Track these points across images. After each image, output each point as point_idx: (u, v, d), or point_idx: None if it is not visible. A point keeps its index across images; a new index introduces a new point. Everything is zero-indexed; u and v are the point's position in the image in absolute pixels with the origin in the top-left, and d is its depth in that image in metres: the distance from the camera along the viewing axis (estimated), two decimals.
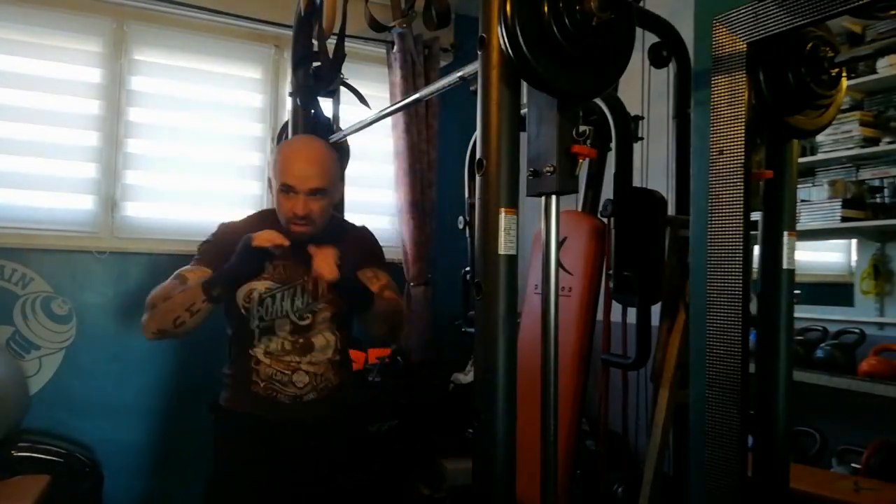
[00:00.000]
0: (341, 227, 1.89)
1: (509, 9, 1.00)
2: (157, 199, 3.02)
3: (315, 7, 2.20)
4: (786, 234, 1.30)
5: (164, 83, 3.03)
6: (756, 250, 1.31)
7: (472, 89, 1.29)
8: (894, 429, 1.98)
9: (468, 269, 2.35)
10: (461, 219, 2.30)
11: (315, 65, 2.29)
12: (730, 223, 1.08)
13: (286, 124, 2.55)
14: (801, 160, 2.31)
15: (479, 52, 1.10)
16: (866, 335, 2.15)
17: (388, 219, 3.38)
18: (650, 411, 1.76)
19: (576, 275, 1.82)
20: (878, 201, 2.25)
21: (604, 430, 1.94)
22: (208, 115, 3.11)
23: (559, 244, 1.14)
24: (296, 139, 1.93)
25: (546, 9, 0.99)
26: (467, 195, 2.29)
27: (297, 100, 2.34)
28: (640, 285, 1.65)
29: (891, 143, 2.20)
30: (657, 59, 1.91)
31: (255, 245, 1.51)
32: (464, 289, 2.44)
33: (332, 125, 2.45)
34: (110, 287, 2.88)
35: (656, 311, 1.72)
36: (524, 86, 1.09)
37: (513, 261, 1.08)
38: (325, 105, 2.44)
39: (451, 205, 3.15)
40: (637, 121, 1.94)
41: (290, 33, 2.44)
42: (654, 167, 2.50)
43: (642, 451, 1.83)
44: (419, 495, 2.70)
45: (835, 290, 2.48)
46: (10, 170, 2.76)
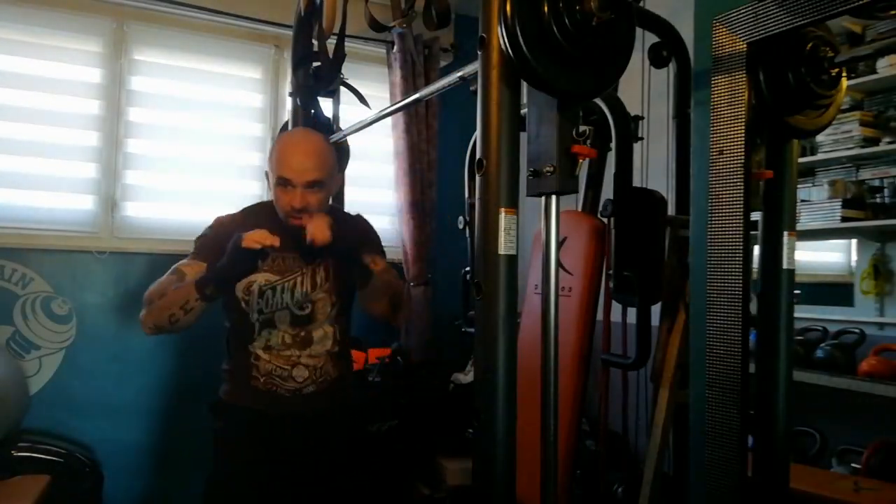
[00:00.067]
0: (338, 217, 1.88)
1: (509, 9, 1.00)
2: (157, 199, 3.02)
3: (315, 7, 2.20)
4: (786, 234, 1.30)
5: (164, 83, 3.03)
6: (756, 250, 1.31)
7: (472, 89, 1.29)
8: (894, 429, 1.98)
9: (468, 269, 2.36)
10: (461, 219, 2.30)
11: (315, 65, 2.29)
12: (730, 223, 1.08)
13: (286, 124, 2.55)
14: (801, 160, 2.31)
15: (479, 52, 1.10)
16: (866, 335, 2.15)
17: (388, 219, 3.38)
18: (650, 411, 1.76)
19: (576, 275, 1.82)
20: (878, 201, 2.25)
21: (604, 430, 1.94)
22: (208, 115, 3.11)
23: (559, 244, 1.14)
24: (292, 132, 1.94)
25: (546, 9, 0.99)
26: (467, 195, 2.29)
27: (297, 100, 2.34)
28: (640, 285, 1.65)
29: (891, 143, 2.20)
30: (657, 59, 1.91)
31: (244, 246, 1.50)
32: (464, 289, 2.44)
33: (332, 125, 2.45)
34: (110, 287, 2.89)
35: (656, 311, 1.72)
36: (524, 86, 1.09)
37: (513, 261, 1.07)
38: (325, 105, 2.44)
39: (451, 205, 3.15)
40: (637, 121, 1.94)
41: (290, 33, 2.44)
42: (654, 167, 2.50)
43: (642, 451, 1.83)
44: (419, 495, 2.70)
45: (835, 290, 2.48)
46: (10, 170, 2.76)
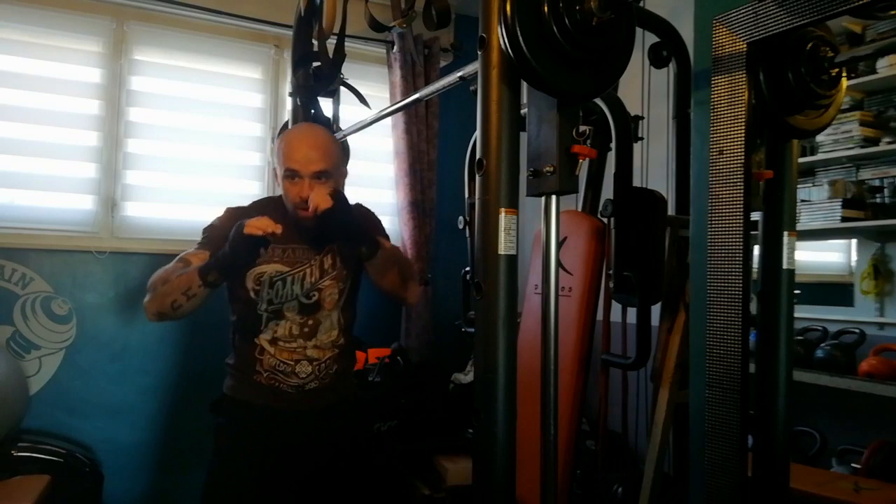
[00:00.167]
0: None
1: (509, 9, 1.00)
2: (157, 199, 3.02)
3: (315, 7, 2.20)
4: (786, 234, 1.31)
5: (164, 83, 3.03)
6: (756, 250, 1.31)
7: (472, 89, 1.29)
8: (894, 429, 1.98)
9: (468, 269, 2.36)
10: (461, 219, 2.30)
11: (315, 65, 2.29)
12: (730, 223, 1.08)
13: (286, 124, 2.56)
14: (801, 160, 2.31)
15: (479, 52, 1.10)
16: (866, 335, 2.15)
17: (388, 219, 3.37)
18: (650, 411, 1.76)
19: (576, 275, 1.82)
20: (878, 201, 2.25)
21: (604, 430, 1.94)
22: (208, 115, 3.11)
23: (559, 244, 1.14)
24: (297, 126, 1.96)
25: (546, 9, 0.99)
26: (467, 195, 2.29)
27: (297, 100, 2.34)
28: (640, 285, 1.65)
29: (891, 143, 2.20)
30: (657, 59, 1.91)
31: (246, 232, 1.50)
32: (464, 289, 2.44)
33: (332, 125, 2.45)
34: (110, 287, 2.88)
35: (656, 311, 1.72)
36: (524, 86, 1.09)
37: (513, 261, 1.07)
38: (325, 105, 2.44)
39: (451, 205, 3.15)
40: (637, 121, 1.94)
41: (290, 33, 2.44)
42: (654, 167, 2.50)
43: (642, 451, 1.83)
44: (419, 495, 2.70)
45: (835, 290, 2.48)
46: (10, 170, 2.76)
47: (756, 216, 1.29)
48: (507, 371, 1.06)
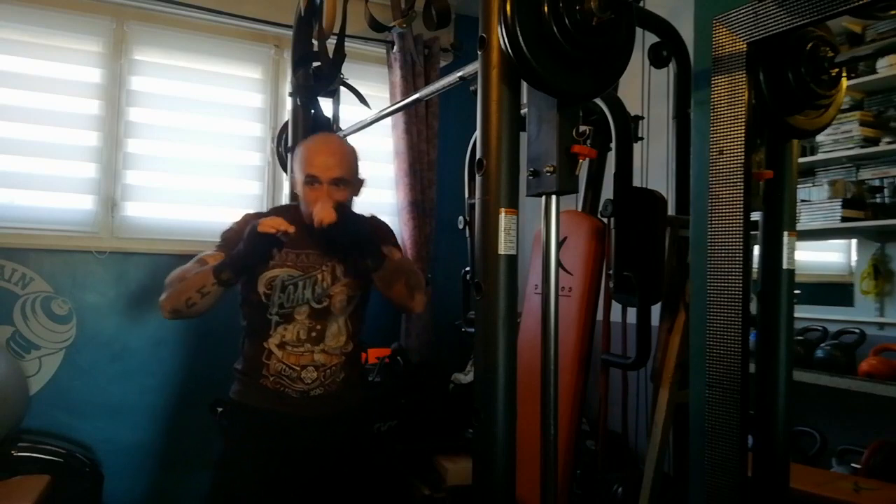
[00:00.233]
0: (349, 212, 1.91)
1: (509, 9, 1.00)
2: (157, 199, 3.01)
3: (315, 7, 2.20)
4: (786, 234, 1.31)
5: (164, 83, 3.03)
6: (756, 250, 1.31)
7: (472, 89, 1.29)
8: (894, 429, 1.98)
9: (468, 269, 2.36)
10: (461, 219, 2.30)
11: (315, 65, 2.30)
12: (730, 223, 1.08)
13: (286, 124, 2.56)
14: (801, 160, 2.31)
15: (479, 52, 1.10)
16: (866, 335, 2.15)
17: (388, 219, 3.35)
18: (650, 411, 1.76)
19: (576, 275, 1.82)
20: (878, 201, 2.25)
21: (604, 430, 1.94)
22: (208, 115, 3.11)
23: (559, 244, 1.14)
24: (317, 135, 2.01)
25: (546, 9, 1.00)
26: (467, 195, 2.29)
27: (297, 100, 2.34)
28: (640, 285, 1.65)
29: (891, 143, 2.20)
30: (657, 59, 1.91)
31: (259, 231, 1.57)
32: (464, 289, 2.44)
33: (332, 125, 2.45)
34: (110, 287, 2.88)
35: (656, 311, 1.72)
36: (524, 86, 1.09)
37: (513, 261, 1.08)
38: (325, 105, 2.44)
39: (451, 205, 3.15)
40: (637, 121, 1.94)
41: (290, 33, 2.45)
42: (654, 167, 2.50)
43: (642, 451, 1.83)
44: (419, 495, 2.70)
45: (835, 290, 2.48)
46: (10, 170, 2.76)
47: (756, 216, 1.29)
48: (507, 371, 1.07)
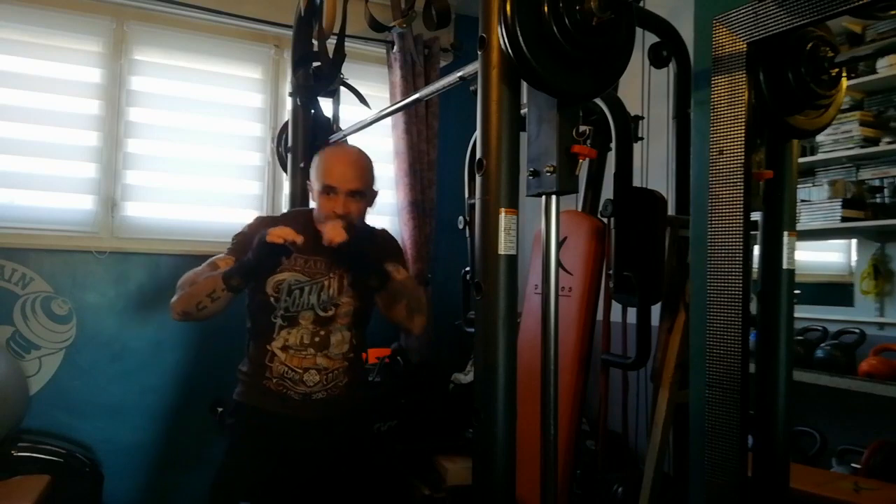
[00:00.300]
0: (366, 229, 1.96)
1: (509, 9, 1.00)
2: (157, 199, 3.01)
3: (315, 7, 2.20)
4: (786, 234, 1.31)
5: (164, 83, 3.03)
6: (756, 250, 1.31)
7: (472, 89, 1.29)
8: (894, 429, 1.98)
9: (468, 269, 2.36)
10: (461, 219, 2.30)
11: (315, 65, 2.30)
12: (730, 223, 1.08)
13: (286, 124, 2.56)
14: (801, 160, 2.31)
15: (479, 52, 1.10)
16: (866, 335, 2.15)
17: (388, 219, 3.38)
18: (650, 411, 1.76)
19: (576, 275, 1.82)
20: (878, 201, 2.25)
21: (604, 430, 1.94)
22: (208, 115, 3.11)
23: (559, 244, 1.14)
24: (336, 145, 2.04)
25: (546, 9, 1.00)
26: (467, 195, 2.29)
27: (297, 100, 2.34)
28: (640, 285, 1.65)
29: (891, 143, 2.20)
30: (657, 59, 1.91)
31: (268, 240, 1.59)
32: (464, 289, 2.44)
33: (332, 125, 2.45)
34: (110, 287, 2.88)
35: (656, 311, 1.72)
36: (524, 86, 1.09)
37: (513, 261, 1.08)
38: (325, 105, 2.44)
39: (451, 205, 3.15)
40: (637, 121, 1.94)
41: (290, 33, 2.45)
42: (654, 167, 2.50)
43: (642, 451, 1.83)
44: (419, 495, 2.70)
45: (835, 290, 2.48)
46: (10, 170, 2.76)
47: (756, 216, 1.29)
48: (507, 371, 1.07)
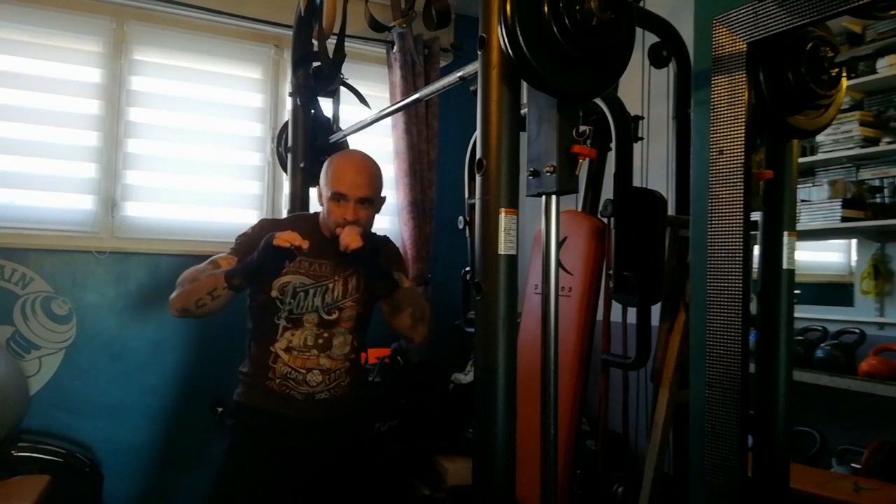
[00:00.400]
0: (375, 237, 1.96)
1: (509, 9, 1.00)
2: (157, 199, 3.01)
3: (315, 7, 2.20)
4: (786, 234, 1.31)
5: (164, 83, 3.03)
6: (756, 250, 1.31)
7: (472, 89, 1.29)
8: (894, 429, 1.98)
9: (468, 269, 2.36)
10: (461, 219, 2.30)
11: (315, 65, 2.30)
12: (730, 223, 1.08)
13: (286, 124, 2.56)
14: (801, 160, 2.31)
15: (479, 52, 1.10)
16: (866, 335, 2.15)
17: (388, 219, 3.38)
18: (650, 411, 1.76)
19: (576, 275, 1.82)
20: (878, 201, 2.25)
21: (604, 430, 1.94)
22: (208, 115, 3.11)
23: (559, 244, 1.14)
24: (345, 152, 2.04)
25: (546, 9, 1.00)
26: (467, 195, 2.29)
27: (297, 100, 2.34)
28: (640, 285, 1.65)
29: (891, 143, 2.20)
30: (657, 59, 1.91)
31: (274, 244, 1.61)
32: (464, 289, 2.44)
33: (332, 125, 2.45)
34: (110, 287, 2.88)
35: (656, 311, 1.72)
36: (524, 86, 1.09)
37: (513, 261, 1.08)
38: (325, 105, 2.44)
39: (451, 205, 3.15)
40: (637, 121, 1.94)
41: (290, 33, 2.45)
42: (654, 167, 2.50)
43: (642, 451, 1.83)
44: (419, 495, 2.70)
45: (835, 290, 2.48)
46: (10, 170, 2.76)
47: (756, 216, 1.29)
48: (507, 371, 1.07)
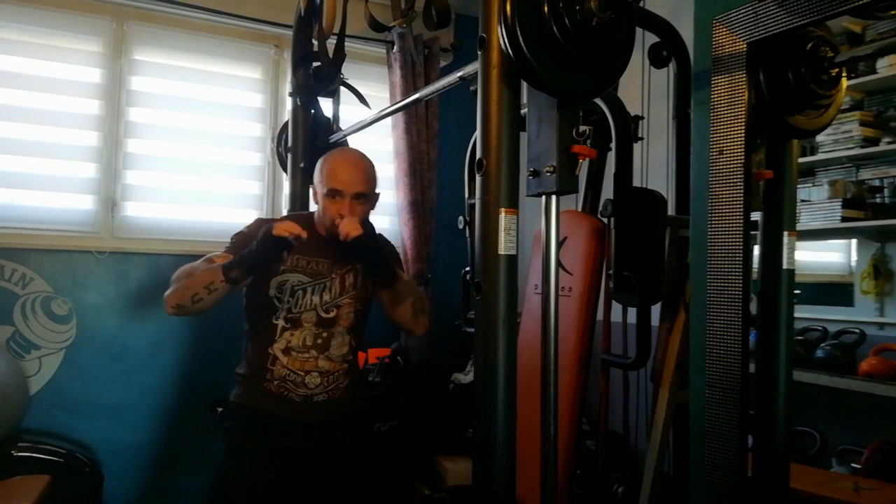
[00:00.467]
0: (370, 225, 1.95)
1: (509, 9, 1.00)
2: (157, 199, 3.01)
3: (315, 7, 2.20)
4: (786, 234, 1.31)
5: (164, 83, 3.03)
6: (756, 250, 1.31)
7: (472, 89, 1.29)
8: (894, 429, 1.98)
9: (468, 269, 2.35)
10: (461, 219, 2.30)
11: (315, 65, 2.29)
12: (730, 223, 1.08)
13: (286, 124, 2.56)
14: (801, 160, 2.31)
15: (479, 52, 1.10)
16: (866, 335, 2.15)
17: (388, 219, 3.38)
18: (650, 411, 1.76)
19: (576, 275, 1.82)
20: (878, 201, 2.25)
21: (604, 430, 1.94)
22: (208, 115, 3.11)
23: (559, 244, 1.14)
24: (340, 149, 2.04)
25: (546, 9, 1.00)
26: (467, 195, 2.29)
27: (297, 100, 2.34)
28: (640, 285, 1.65)
29: (891, 143, 2.20)
30: (657, 59, 1.91)
31: (275, 233, 1.61)
32: (464, 289, 2.44)
33: (332, 125, 2.45)
34: (110, 287, 2.88)
35: (656, 311, 1.72)
36: (524, 86, 1.09)
37: (513, 261, 1.08)
38: (325, 105, 2.44)
39: (451, 205, 3.15)
40: (637, 121, 1.94)
41: (290, 33, 2.44)
42: (654, 167, 2.50)
43: (642, 451, 1.83)
44: (419, 495, 2.70)
45: (835, 290, 2.48)
46: (10, 170, 2.76)
47: (756, 216, 1.29)
48: (507, 371, 1.07)
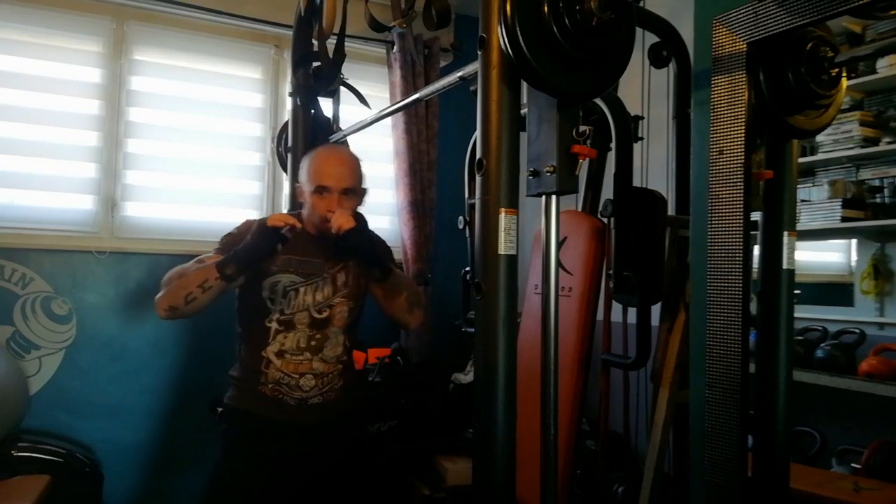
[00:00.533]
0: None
1: (509, 9, 1.00)
2: (157, 199, 3.01)
3: (315, 7, 2.20)
4: (786, 234, 1.31)
5: (164, 83, 3.03)
6: (756, 250, 1.31)
7: (472, 89, 1.29)
8: (894, 429, 1.98)
9: (468, 269, 2.36)
10: (461, 219, 2.30)
11: (315, 65, 2.29)
12: (730, 223, 1.08)
13: (286, 124, 2.56)
14: (801, 160, 2.31)
15: (479, 52, 1.10)
16: (866, 335, 2.15)
17: (388, 219, 3.38)
18: (650, 411, 1.76)
19: (576, 275, 1.82)
20: (878, 201, 2.25)
21: (604, 430, 1.94)
22: (208, 115, 3.11)
23: (559, 244, 1.14)
24: (325, 146, 2.04)
25: (546, 9, 1.00)
26: (467, 195, 2.29)
27: (297, 100, 2.34)
28: (640, 285, 1.65)
29: (891, 143, 2.20)
30: (657, 59, 1.91)
31: (269, 225, 1.62)
32: (464, 289, 2.44)
33: (332, 125, 2.45)
34: (110, 287, 2.88)
35: (656, 311, 1.72)
36: (524, 86, 1.09)
37: (513, 261, 1.08)
38: (325, 105, 2.44)
39: (451, 205, 3.15)
40: (637, 121, 1.94)
41: (290, 33, 2.44)
42: (654, 167, 2.50)
43: (642, 451, 1.83)
44: (419, 495, 2.70)
45: (835, 290, 2.48)
46: (10, 170, 2.76)
47: (756, 216, 1.29)
48: (507, 371, 1.07)
